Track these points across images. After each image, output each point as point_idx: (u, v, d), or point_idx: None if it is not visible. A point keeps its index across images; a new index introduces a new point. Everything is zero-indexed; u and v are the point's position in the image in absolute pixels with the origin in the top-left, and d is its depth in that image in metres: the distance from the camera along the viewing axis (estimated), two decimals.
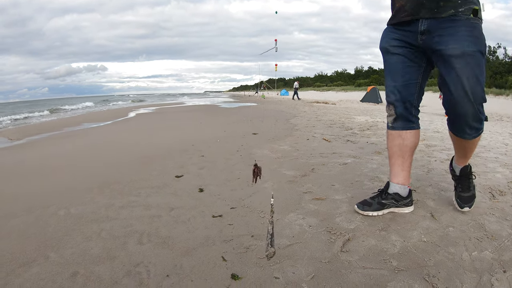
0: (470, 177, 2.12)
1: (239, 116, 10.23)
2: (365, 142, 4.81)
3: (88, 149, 4.71)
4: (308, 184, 2.76)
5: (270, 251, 1.02)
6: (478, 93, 1.67)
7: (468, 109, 1.70)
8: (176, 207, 2.26)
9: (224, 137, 5.54)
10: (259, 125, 7.40)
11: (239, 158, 3.82)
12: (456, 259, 1.59)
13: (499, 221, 1.99)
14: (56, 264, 1.56)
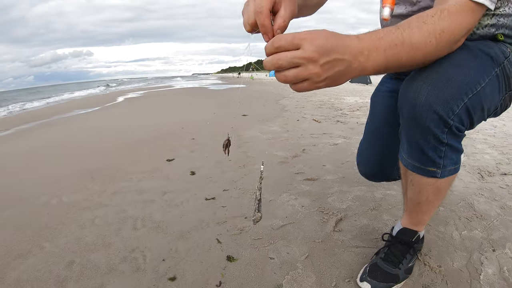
0: (411, 251, 1.36)
1: (228, 98, 10.18)
2: (355, 123, 4.82)
3: (77, 136, 4.66)
4: (300, 164, 2.77)
5: (257, 216, 1.03)
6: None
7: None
8: (169, 191, 2.26)
9: (214, 119, 5.52)
10: (248, 106, 7.37)
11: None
12: (447, 238, 1.62)
13: (488, 201, 2.03)
14: (51, 254, 1.55)
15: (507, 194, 2.15)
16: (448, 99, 0.96)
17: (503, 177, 2.47)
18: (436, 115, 0.97)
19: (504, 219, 1.81)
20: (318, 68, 0.76)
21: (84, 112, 8.16)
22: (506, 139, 3.91)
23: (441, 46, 0.92)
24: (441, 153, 1.05)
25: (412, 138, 1.05)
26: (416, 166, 1.10)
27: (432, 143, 1.02)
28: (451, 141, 1.03)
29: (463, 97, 0.98)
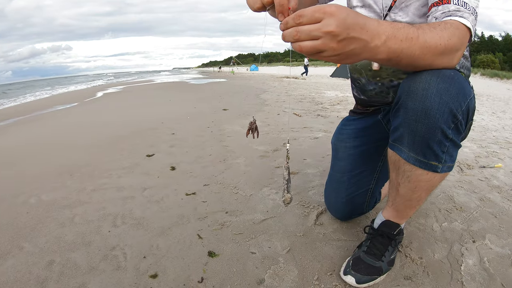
0: (392, 243, 1.37)
1: (208, 93, 10.13)
2: (336, 117, 4.87)
3: (56, 133, 4.57)
4: (280, 158, 2.78)
5: (287, 197, 1.04)
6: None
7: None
8: (149, 187, 2.24)
9: (194, 113, 5.49)
10: (229, 101, 7.36)
11: (210, 134, 3.81)
12: (427, 229, 1.66)
13: (467, 193, 2.09)
14: (31, 254, 1.52)
15: (486, 186, 2.21)
16: (457, 94, 1.02)
17: (482, 170, 2.54)
18: (448, 108, 1.01)
19: (483, 210, 1.87)
20: (336, 43, 0.79)
21: (63, 108, 8.02)
22: (485, 133, 4.01)
23: (447, 51, 0.98)
24: (444, 148, 1.08)
25: (417, 132, 1.07)
26: (419, 159, 1.11)
27: (439, 137, 1.05)
28: (455, 137, 1.07)
29: (466, 97, 1.05)
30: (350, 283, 1.26)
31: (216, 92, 10.21)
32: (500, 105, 7.99)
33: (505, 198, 2.04)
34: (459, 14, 1.03)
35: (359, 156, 1.62)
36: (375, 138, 1.60)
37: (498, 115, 5.95)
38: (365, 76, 1.50)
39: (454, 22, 1.02)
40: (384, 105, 1.54)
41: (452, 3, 1.06)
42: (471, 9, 1.05)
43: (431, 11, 1.13)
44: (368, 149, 1.61)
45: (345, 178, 1.62)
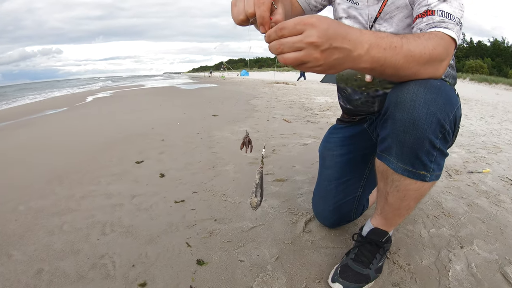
0: (380, 251, 1.39)
1: (199, 98, 10.13)
2: (325, 123, 4.91)
3: (45, 138, 4.52)
4: (269, 165, 2.80)
5: (253, 200, 1.06)
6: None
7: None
8: (138, 194, 2.25)
9: (184, 119, 5.49)
10: (219, 106, 7.36)
11: (199, 141, 3.81)
12: (415, 236, 1.69)
13: (455, 199, 2.13)
14: (19, 262, 1.52)
15: (474, 191, 2.25)
16: (444, 104, 1.04)
17: (470, 175, 2.59)
18: (436, 119, 1.03)
19: (471, 216, 1.91)
20: (318, 54, 0.81)
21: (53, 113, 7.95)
22: (473, 138, 4.08)
23: (432, 61, 1.00)
24: (432, 158, 1.10)
25: (406, 142, 1.09)
26: (407, 169, 1.13)
27: (427, 147, 1.07)
28: (442, 146, 1.10)
29: (453, 106, 1.07)
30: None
31: (206, 97, 10.21)
32: (489, 109, 8.11)
33: (493, 203, 2.09)
34: (443, 25, 1.06)
35: (346, 164, 1.65)
36: (361, 146, 1.63)
37: (487, 120, 6.04)
38: (351, 86, 1.54)
39: (439, 33, 1.05)
40: (370, 114, 1.58)
41: (437, 14, 1.09)
42: (455, 20, 1.08)
43: (416, 23, 1.16)
44: (354, 157, 1.64)
45: (332, 186, 1.65)
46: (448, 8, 1.10)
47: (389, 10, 1.33)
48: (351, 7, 1.44)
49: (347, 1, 1.45)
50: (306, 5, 1.49)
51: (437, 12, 1.09)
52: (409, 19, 1.30)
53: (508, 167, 2.87)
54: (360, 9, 1.42)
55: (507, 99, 14.14)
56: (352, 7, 1.44)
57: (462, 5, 1.13)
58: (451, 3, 1.11)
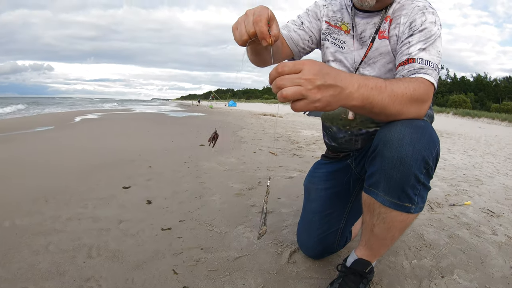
0: (364, 281, 1.43)
1: (186, 126, 10.18)
2: (311, 156, 4.99)
3: (31, 156, 4.48)
4: (255, 197, 2.85)
5: (263, 229, 1.12)
6: None
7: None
8: (125, 220, 2.26)
9: (171, 147, 5.53)
10: (206, 136, 7.38)
11: (186, 170, 3.85)
12: (397, 267, 1.75)
13: (437, 231, 2.20)
14: (3, 280, 1.52)
15: (455, 223, 2.34)
16: (428, 143, 1.14)
17: (451, 208, 2.68)
18: (421, 156, 1.12)
19: (452, 247, 1.98)
20: (316, 89, 0.90)
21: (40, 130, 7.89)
22: (455, 172, 4.20)
23: (414, 100, 1.12)
24: (417, 191, 1.19)
25: (393, 177, 1.17)
26: (394, 202, 1.21)
27: (412, 182, 1.16)
28: (426, 181, 1.19)
29: (436, 144, 1.18)
30: None
31: (194, 126, 10.27)
32: (471, 143, 8.34)
33: (474, 234, 2.17)
34: (423, 71, 1.20)
35: (330, 198, 1.72)
36: (344, 181, 1.71)
37: (469, 154, 6.22)
38: (336, 124, 1.63)
39: (419, 78, 1.18)
40: (354, 151, 1.66)
41: (417, 62, 1.23)
42: (434, 66, 1.22)
43: (398, 70, 1.29)
44: (338, 191, 1.72)
45: (316, 219, 1.72)
46: (427, 56, 1.24)
47: (372, 56, 1.47)
48: (338, 51, 1.57)
49: (334, 45, 1.58)
50: (294, 47, 1.61)
51: (417, 60, 1.23)
52: (391, 65, 1.44)
53: (489, 199, 2.98)
54: (346, 53, 1.55)
55: (489, 132, 14.57)
56: (339, 51, 1.57)
57: (440, 52, 1.28)
58: (429, 51, 1.25)
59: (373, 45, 1.46)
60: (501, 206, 2.80)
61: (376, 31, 1.45)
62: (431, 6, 1.35)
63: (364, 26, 1.49)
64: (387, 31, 1.42)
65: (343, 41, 1.55)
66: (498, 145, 8.47)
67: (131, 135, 7.36)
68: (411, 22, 1.33)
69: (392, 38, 1.40)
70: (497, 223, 2.40)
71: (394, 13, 1.41)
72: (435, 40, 1.28)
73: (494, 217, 2.53)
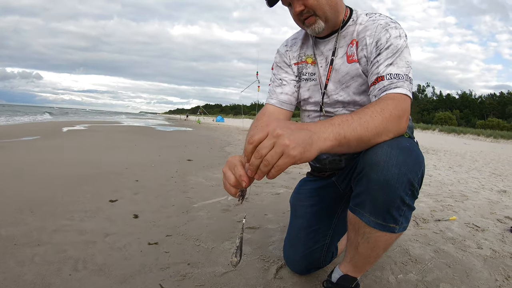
0: None
1: (174, 141, 10.18)
2: (298, 173, 5.02)
3: (15, 165, 4.44)
4: (242, 213, 2.86)
5: (233, 259, 1.14)
6: None
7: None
8: (111, 233, 2.25)
9: (158, 161, 5.53)
10: (193, 151, 7.43)
11: (174, 184, 3.85)
12: (383, 282, 1.77)
13: (422, 246, 2.24)
14: None
15: (441, 238, 2.38)
16: (414, 165, 1.17)
17: (437, 223, 2.73)
18: (406, 178, 1.15)
19: (438, 261, 2.01)
20: (287, 140, 0.91)
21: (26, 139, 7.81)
22: (441, 188, 4.28)
23: (387, 120, 1.14)
24: (402, 212, 1.21)
25: (378, 199, 1.19)
26: (378, 223, 1.23)
27: (398, 203, 1.18)
28: (410, 202, 1.21)
29: (421, 165, 1.20)
30: None
31: (182, 141, 10.27)
32: (457, 159, 8.49)
33: (459, 248, 2.21)
34: (393, 86, 1.24)
35: (315, 214, 1.75)
36: (329, 198, 1.75)
37: (455, 170, 6.33)
38: None
39: (390, 94, 1.22)
40: (338, 170, 1.69)
41: (386, 79, 1.27)
42: (403, 77, 1.26)
43: (370, 91, 1.34)
44: (323, 207, 1.75)
45: (302, 235, 1.74)
46: (395, 70, 1.28)
47: (344, 80, 1.52)
48: (311, 85, 1.64)
49: (307, 81, 1.65)
50: (291, 107, 1.70)
51: (386, 77, 1.28)
52: (364, 86, 1.48)
53: (474, 214, 3.04)
54: (318, 83, 1.61)
55: (474, 148, 14.84)
56: (312, 84, 1.64)
57: (408, 62, 1.32)
58: (397, 64, 1.29)
59: (342, 69, 1.51)
60: (486, 221, 2.87)
61: (333, 53, 1.52)
62: (392, 21, 1.40)
63: (327, 53, 1.56)
64: (355, 54, 1.46)
65: (312, 73, 1.62)
66: (483, 160, 8.66)
67: (118, 147, 7.33)
68: (377, 41, 1.37)
69: (362, 60, 1.45)
70: (482, 237, 2.45)
71: (359, 35, 1.46)
72: (401, 52, 1.32)
73: (479, 231, 2.59)
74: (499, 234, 2.53)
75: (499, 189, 4.45)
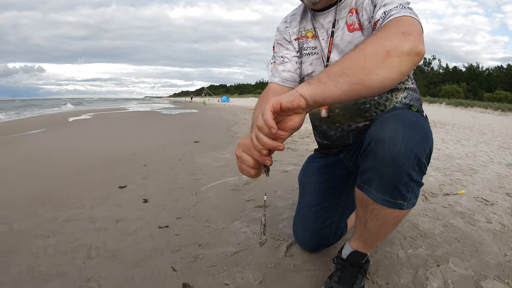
0: (361, 272, 1.45)
1: (180, 123, 10.19)
2: (305, 150, 5.00)
3: (24, 159, 4.47)
4: (251, 192, 2.87)
5: (263, 238, 1.14)
6: None
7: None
8: (122, 219, 2.27)
9: (166, 145, 5.54)
10: (200, 133, 7.43)
11: (182, 167, 3.86)
12: (393, 257, 1.76)
13: (431, 220, 2.22)
14: (3, 284, 1.52)
15: (450, 213, 2.36)
16: (421, 140, 1.13)
17: (446, 197, 2.70)
18: (413, 154, 1.11)
19: (447, 236, 1.99)
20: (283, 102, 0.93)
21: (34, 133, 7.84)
22: (449, 161, 4.24)
23: (388, 38, 1.05)
24: (409, 188, 1.18)
25: (386, 176, 1.16)
26: (386, 200, 1.20)
27: (405, 180, 1.14)
28: (418, 178, 1.17)
29: (429, 140, 1.16)
30: None
31: (188, 123, 10.28)
32: (465, 132, 8.40)
33: (468, 222, 2.19)
34: (389, 15, 1.15)
35: (324, 191, 1.73)
36: (338, 174, 1.72)
37: (463, 143, 6.26)
38: (324, 123, 1.64)
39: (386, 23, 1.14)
40: (345, 146, 1.67)
41: (380, 18, 1.20)
42: (399, 6, 1.16)
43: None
44: (331, 184, 1.73)
45: (311, 212, 1.73)
46: (390, 6, 1.19)
47: (347, 50, 1.42)
48: (314, 59, 1.58)
49: (309, 55, 1.59)
50: (295, 83, 1.64)
51: (380, 17, 1.20)
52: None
53: (483, 188, 3.00)
54: (320, 56, 1.55)
55: (482, 121, 14.65)
56: (314, 58, 1.58)
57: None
58: (391, 2, 1.20)
59: (344, 39, 1.45)
60: (495, 195, 2.83)
61: (333, 25, 1.46)
62: None
63: (327, 25, 1.50)
64: (356, 23, 1.40)
65: (313, 47, 1.56)
66: (492, 134, 8.54)
67: (125, 134, 7.35)
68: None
69: (365, 24, 1.38)
70: (491, 211, 2.42)
71: (357, 3, 1.40)
72: None
73: (488, 205, 2.56)
74: (508, 208, 2.50)
75: (507, 163, 4.39)
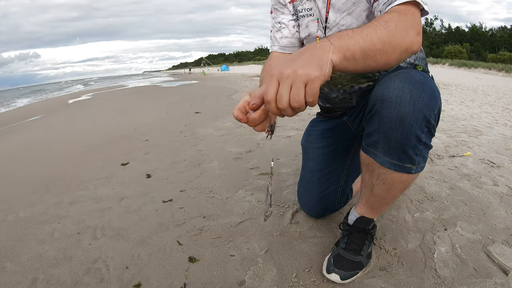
0: (368, 237, 1.44)
1: (180, 96, 10.10)
2: (307, 114, 4.94)
3: (26, 146, 4.46)
4: (254, 159, 2.85)
5: (270, 211, 1.08)
6: None
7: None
8: (126, 196, 2.27)
9: (167, 118, 5.50)
10: (200, 103, 7.37)
11: (183, 139, 3.83)
12: (400, 221, 1.74)
13: (438, 183, 2.18)
14: (14, 273, 1.52)
15: (456, 175, 2.31)
16: (429, 99, 1.06)
17: (451, 159, 2.65)
18: (422, 114, 1.05)
19: (454, 199, 1.96)
20: (300, 69, 0.82)
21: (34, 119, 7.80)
22: (454, 123, 4.17)
23: (391, 32, 0.97)
24: (418, 151, 1.13)
25: (392, 138, 1.10)
26: (394, 163, 1.16)
27: (413, 142, 1.09)
28: (427, 140, 1.12)
29: (437, 100, 1.10)
30: (335, 280, 1.32)
31: (188, 94, 10.20)
32: (469, 93, 8.29)
33: (475, 185, 2.15)
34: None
35: (327, 156, 1.69)
36: (341, 138, 1.67)
37: (467, 104, 6.18)
38: (327, 85, 1.57)
39: (395, 8, 1.04)
40: (349, 109, 1.62)
41: None
42: None
43: (374, 7, 1.18)
44: (335, 148, 1.68)
45: (315, 178, 1.69)
46: None
47: (345, 8, 1.34)
48: (310, 21, 1.48)
49: (304, 17, 1.49)
50: (294, 49, 1.55)
51: None
52: (367, 11, 1.31)
53: (489, 150, 2.95)
54: (316, 18, 1.45)
55: (486, 82, 14.40)
56: (310, 20, 1.48)
57: None
58: None
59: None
60: (501, 157, 2.76)
61: None
62: None
63: None
64: None
65: (309, 8, 1.45)
66: (496, 95, 8.38)
67: (125, 111, 7.30)
68: None
69: None
70: (497, 173, 2.37)
71: None
72: None
73: (495, 167, 2.50)
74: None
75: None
